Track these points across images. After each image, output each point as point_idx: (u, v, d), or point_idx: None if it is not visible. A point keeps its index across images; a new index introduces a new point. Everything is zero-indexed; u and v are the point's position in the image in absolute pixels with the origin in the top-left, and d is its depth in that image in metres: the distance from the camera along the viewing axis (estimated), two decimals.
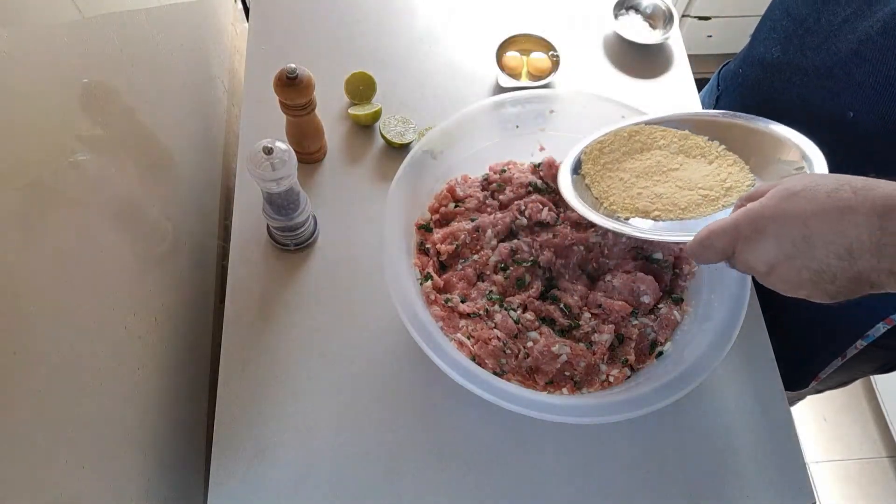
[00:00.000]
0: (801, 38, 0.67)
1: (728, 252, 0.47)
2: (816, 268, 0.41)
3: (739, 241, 0.46)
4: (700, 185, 0.60)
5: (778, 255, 0.43)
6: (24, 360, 0.44)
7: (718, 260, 0.49)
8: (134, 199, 0.67)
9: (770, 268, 0.44)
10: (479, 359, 0.65)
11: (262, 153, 0.64)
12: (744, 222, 0.45)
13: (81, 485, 0.51)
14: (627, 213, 0.61)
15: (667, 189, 0.61)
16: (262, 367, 0.71)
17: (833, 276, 0.41)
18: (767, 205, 0.44)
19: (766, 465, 0.68)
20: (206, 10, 0.96)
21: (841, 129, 0.63)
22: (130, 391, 0.61)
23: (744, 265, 0.47)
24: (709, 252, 0.48)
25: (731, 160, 0.62)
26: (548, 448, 0.68)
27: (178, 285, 0.75)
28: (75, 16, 0.56)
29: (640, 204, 0.61)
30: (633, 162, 0.65)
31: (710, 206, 0.59)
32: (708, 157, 0.63)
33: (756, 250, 0.45)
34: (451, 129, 0.72)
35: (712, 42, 1.84)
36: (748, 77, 0.79)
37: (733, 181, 0.60)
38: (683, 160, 0.63)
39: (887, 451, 1.55)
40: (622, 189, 0.63)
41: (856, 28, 0.60)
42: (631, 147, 0.66)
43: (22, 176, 0.46)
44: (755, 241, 0.44)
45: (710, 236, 0.48)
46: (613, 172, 0.65)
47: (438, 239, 0.71)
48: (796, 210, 0.42)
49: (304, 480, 0.66)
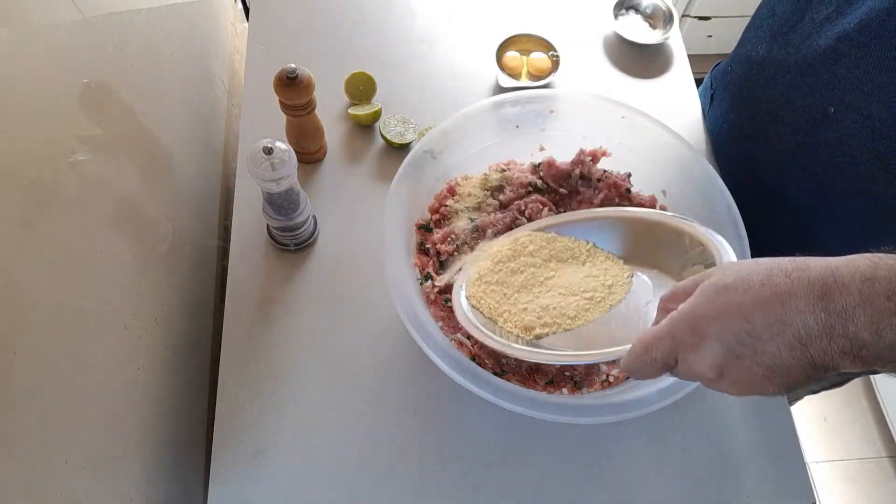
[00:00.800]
0: (786, 36, 0.67)
1: (669, 362, 0.43)
2: (769, 363, 0.38)
3: (679, 350, 0.41)
4: (582, 288, 0.59)
5: (725, 356, 0.39)
6: (24, 360, 0.44)
7: (659, 373, 0.44)
8: (134, 200, 0.67)
9: (719, 372, 0.40)
10: (479, 359, 0.65)
11: (262, 153, 0.64)
12: (679, 327, 0.41)
13: (81, 485, 0.51)
14: (520, 332, 0.58)
15: (551, 300, 0.59)
16: (262, 367, 0.71)
17: (787, 368, 0.37)
18: (699, 303, 0.40)
19: (766, 465, 0.68)
20: (206, 10, 0.96)
21: (823, 125, 0.64)
22: (130, 391, 0.61)
23: (688, 373, 0.42)
24: (647, 367, 0.43)
25: (603, 256, 0.61)
26: (548, 448, 0.68)
27: (178, 285, 0.75)
28: (75, 16, 0.56)
29: (528, 319, 0.58)
30: (509, 275, 0.63)
31: (599, 309, 0.57)
32: (579, 259, 0.61)
33: (700, 355, 0.40)
34: (451, 129, 0.72)
35: (712, 42, 1.84)
36: (737, 75, 0.79)
37: (612, 278, 0.58)
38: (556, 265, 0.62)
39: (887, 451, 1.55)
40: (509, 304, 0.61)
41: (835, 25, 0.60)
42: (501, 257, 0.65)
43: (22, 176, 0.46)
44: (696, 346, 0.40)
45: (646, 350, 0.43)
46: (495, 287, 0.63)
47: (438, 239, 0.71)
48: (733, 305, 0.39)
49: (304, 480, 0.66)
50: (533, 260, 0.62)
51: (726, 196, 0.68)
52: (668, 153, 0.72)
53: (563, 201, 0.75)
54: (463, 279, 0.65)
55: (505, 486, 0.66)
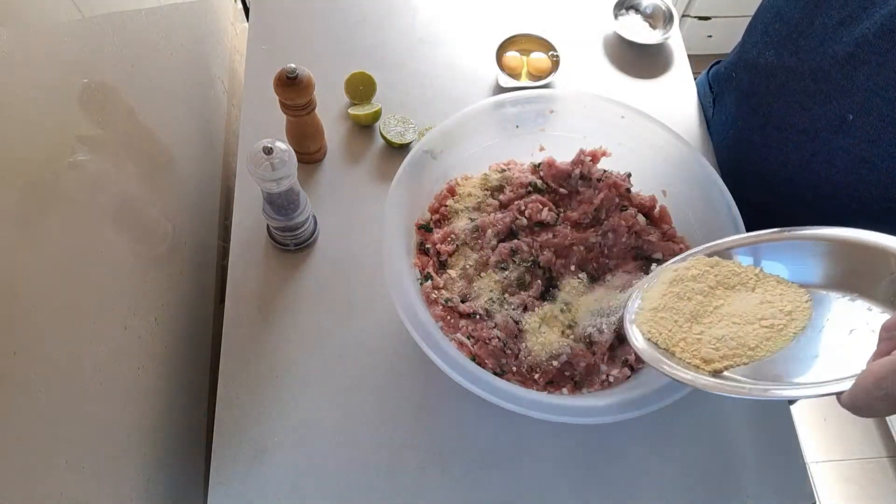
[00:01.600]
0: (795, 42, 0.66)
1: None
2: None
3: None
4: (758, 315, 0.52)
5: None
6: (24, 360, 0.44)
7: (893, 412, 0.39)
8: (134, 199, 0.67)
9: None
10: (479, 359, 0.65)
11: (262, 153, 0.64)
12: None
13: (81, 485, 0.51)
14: (699, 363, 0.51)
15: (726, 329, 0.52)
16: (262, 367, 0.71)
17: None
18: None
19: (766, 465, 0.68)
20: (206, 10, 0.96)
21: (841, 132, 0.63)
22: (130, 391, 0.61)
23: None
24: (881, 403, 0.39)
25: (774, 281, 0.54)
26: (548, 448, 0.68)
27: (178, 285, 0.75)
28: (75, 16, 0.56)
29: (704, 350, 0.52)
30: (677, 300, 0.56)
31: (781, 338, 0.50)
32: (748, 285, 0.55)
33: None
34: (451, 129, 0.72)
35: (712, 42, 1.84)
36: (742, 81, 0.78)
37: (790, 304, 0.51)
38: (724, 293, 0.55)
39: (887, 451, 1.55)
40: (683, 333, 0.54)
41: (852, 31, 0.59)
42: (666, 279, 0.58)
43: (22, 176, 0.46)
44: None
45: (878, 384, 0.38)
46: (664, 314, 0.56)
47: (438, 239, 0.71)
48: None
49: (305, 480, 0.66)
50: (698, 286, 0.56)
51: (726, 196, 0.68)
52: (668, 153, 0.72)
53: (563, 201, 0.75)
54: (631, 309, 0.59)
55: (505, 486, 0.66)
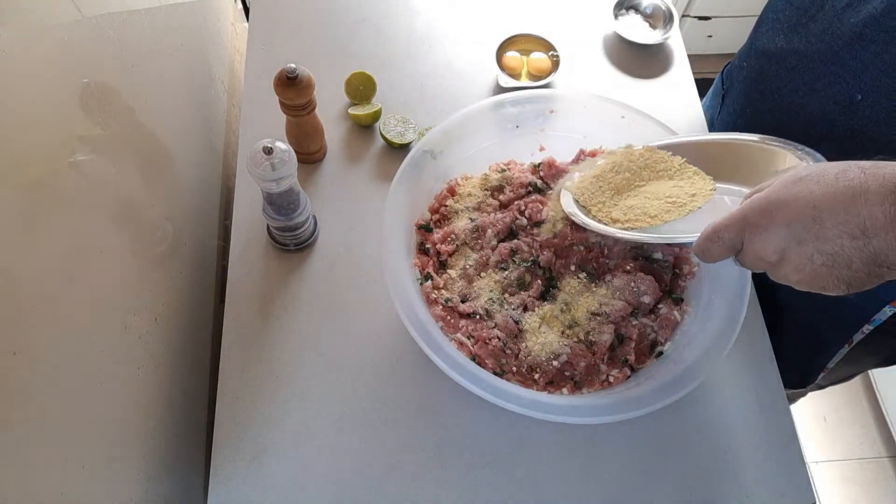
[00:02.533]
0: (805, 26, 0.67)
1: (736, 244, 0.45)
2: (830, 250, 0.39)
3: (747, 231, 0.44)
4: (666, 194, 0.64)
5: (788, 240, 0.41)
6: (24, 360, 0.44)
7: (726, 254, 0.47)
8: (134, 200, 0.67)
9: (780, 255, 0.42)
10: (479, 359, 0.65)
11: (262, 153, 0.64)
12: (751, 210, 0.43)
13: (81, 485, 0.51)
14: (607, 222, 0.65)
15: (637, 201, 0.65)
16: (262, 367, 0.71)
17: (848, 259, 0.39)
18: (774, 190, 0.43)
19: (766, 465, 0.68)
20: (206, 10, 0.96)
21: (850, 112, 0.63)
22: (130, 391, 0.61)
23: (752, 256, 0.44)
24: (716, 246, 0.46)
25: (692, 171, 0.66)
26: (548, 448, 0.68)
27: (178, 285, 0.75)
28: (75, 16, 0.56)
29: (615, 213, 0.65)
30: (607, 171, 0.69)
31: (678, 212, 0.62)
32: (669, 172, 0.67)
33: (765, 238, 0.43)
34: (451, 129, 0.72)
35: (712, 42, 1.84)
36: (752, 69, 0.78)
37: (696, 189, 0.63)
38: (649, 175, 0.68)
39: (887, 451, 1.55)
40: (603, 197, 0.68)
41: (859, 11, 0.60)
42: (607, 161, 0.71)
43: (22, 176, 0.46)
44: (764, 228, 0.43)
45: (716, 230, 0.46)
46: (592, 179, 0.70)
47: (438, 239, 0.71)
48: (805, 193, 0.40)
49: (305, 480, 0.66)
50: (630, 165, 0.68)
51: None
52: None
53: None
54: (572, 177, 0.72)
55: (505, 485, 0.66)
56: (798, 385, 0.90)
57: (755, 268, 0.46)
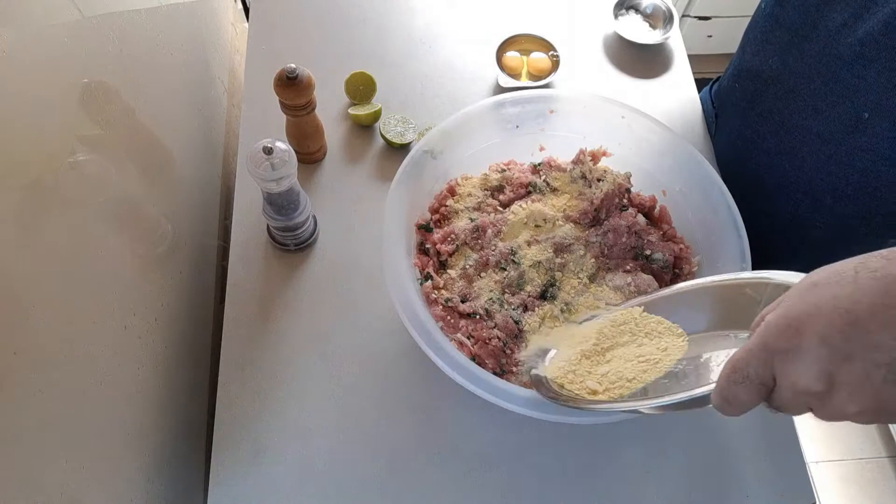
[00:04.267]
0: (799, 46, 0.66)
1: (766, 380, 0.36)
2: (887, 360, 0.32)
3: (776, 360, 0.35)
4: (637, 353, 0.57)
5: (831, 358, 0.33)
6: (24, 360, 0.44)
7: (756, 397, 0.37)
8: (134, 199, 0.67)
9: (828, 381, 0.33)
10: (479, 359, 0.65)
11: (262, 153, 0.64)
12: (771, 335, 0.35)
13: (81, 485, 0.51)
14: (585, 394, 0.57)
15: (609, 367, 0.58)
16: (262, 367, 0.71)
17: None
18: (790, 304, 0.35)
19: (766, 465, 0.68)
20: (206, 10, 0.96)
21: (858, 131, 0.63)
22: (130, 391, 0.61)
23: (791, 391, 0.35)
24: (742, 390, 0.37)
25: (655, 321, 0.59)
26: (548, 448, 0.68)
27: (178, 285, 0.75)
28: (75, 16, 0.56)
29: (590, 383, 0.58)
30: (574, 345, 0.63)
31: (656, 370, 0.54)
32: (629, 324, 0.61)
33: (801, 364, 0.34)
34: (451, 129, 0.72)
35: (712, 42, 1.84)
36: (746, 91, 0.77)
37: (666, 342, 0.57)
38: (614, 335, 0.61)
39: (887, 451, 1.55)
40: (573, 367, 0.60)
41: (856, 30, 0.59)
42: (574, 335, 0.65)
43: (22, 176, 0.46)
44: (795, 351, 0.34)
45: (736, 368, 0.37)
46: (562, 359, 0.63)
47: (438, 239, 0.71)
48: (828, 298, 0.33)
49: (305, 480, 0.66)
50: (593, 332, 0.62)
51: (726, 196, 0.68)
52: (668, 153, 0.72)
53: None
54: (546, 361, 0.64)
55: (505, 486, 0.66)
56: None
57: (798, 407, 0.36)
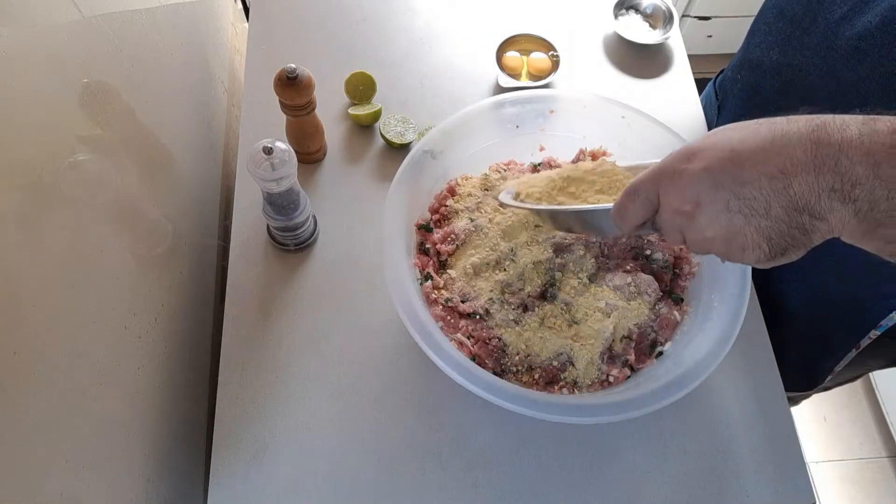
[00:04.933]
0: (800, 39, 0.66)
1: (653, 198, 0.42)
2: (747, 194, 0.36)
3: (663, 181, 0.41)
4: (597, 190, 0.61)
5: (705, 184, 0.38)
6: (24, 360, 0.44)
7: (643, 212, 0.43)
8: (134, 199, 0.67)
9: (695, 203, 0.38)
10: (479, 359, 0.65)
11: (262, 153, 0.64)
12: (668, 159, 0.41)
13: (81, 485, 0.51)
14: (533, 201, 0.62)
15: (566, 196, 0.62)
16: (262, 366, 0.71)
17: (767, 204, 0.36)
18: (693, 142, 0.41)
19: (766, 465, 0.68)
20: (206, 10, 0.96)
21: None
22: (130, 391, 0.61)
23: (668, 211, 0.41)
24: (632, 203, 0.43)
25: (624, 175, 0.61)
26: (548, 448, 0.68)
27: (178, 285, 0.75)
28: (75, 16, 0.56)
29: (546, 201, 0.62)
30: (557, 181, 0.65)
31: (608, 199, 0.58)
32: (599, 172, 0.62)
33: (680, 185, 0.39)
34: (451, 129, 0.72)
35: (712, 42, 1.84)
36: (747, 82, 0.78)
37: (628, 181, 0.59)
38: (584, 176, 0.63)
39: (887, 451, 1.55)
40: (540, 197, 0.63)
41: (854, 24, 0.59)
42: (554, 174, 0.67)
43: (22, 176, 0.46)
44: (679, 174, 0.39)
45: (632, 185, 0.43)
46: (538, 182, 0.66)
47: (438, 239, 0.71)
48: (724, 138, 0.38)
49: (305, 480, 0.66)
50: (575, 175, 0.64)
51: None
52: (667, 153, 0.72)
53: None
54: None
55: (505, 485, 0.66)
56: (805, 388, 0.89)
57: (672, 229, 0.42)
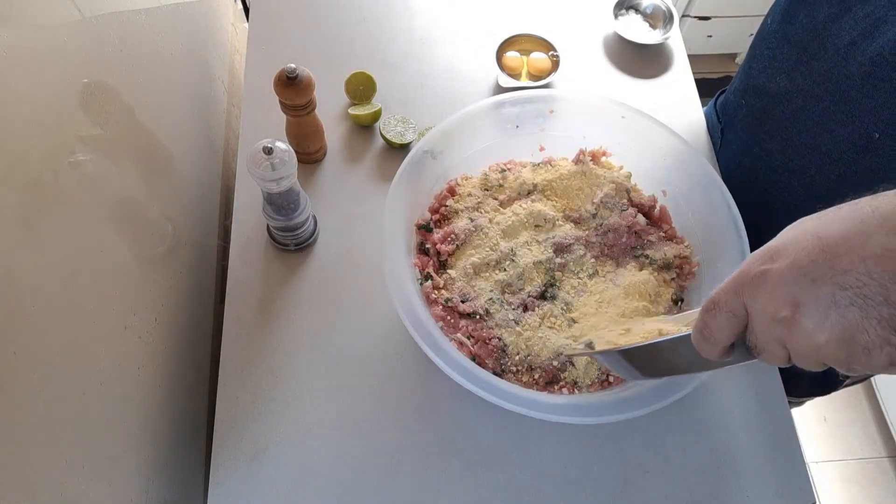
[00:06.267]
0: (808, 65, 0.65)
1: (738, 311, 0.36)
2: (854, 282, 0.31)
3: (746, 289, 0.35)
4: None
5: (798, 284, 0.33)
6: (24, 360, 0.44)
7: (729, 328, 0.37)
8: (134, 199, 0.67)
9: (793, 306, 0.33)
10: (479, 359, 0.65)
11: (262, 153, 0.64)
12: (746, 264, 0.36)
13: (81, 485, 0.51)
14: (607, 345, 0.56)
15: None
16: (262, 367, 0.71)
17: (883, 289, 0.30)
18: (774, 238, 0.36)
19: (766, 465, 0.68)
20: (206, 10, 0.96)
21: (867, 151, 0.62)
22: (130, 391, 0.61)
23: (761, 319, 0.35)
24: (713, 319, 0.38)
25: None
26: (548, 448, 0.68)
27: (178, 285, 0.75)
28: (75, 16, 0.56)
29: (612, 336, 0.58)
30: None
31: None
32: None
33: (769, 288, 0.34)
34: (451, 129, 0.72)
35: (712, 42, 1.84)
36: (753, 108, 0.77)
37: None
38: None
39: (887, 451, 1.55)
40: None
41: (865, 50, 0.59)
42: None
43: (22, 176, 0.46)
44: (764, 278, 0.34)
45: (711, 299, 0.38)
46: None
47: (438, 239, 0.71)
48: (805, 229, 0.34)
49: (305, 480, 0.66)
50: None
51: (726, 196, 0.68)
52: (667, 153, 0.72)
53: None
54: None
55: (505, 485, 0.66)
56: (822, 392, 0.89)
57: (771, 342, 0.36)
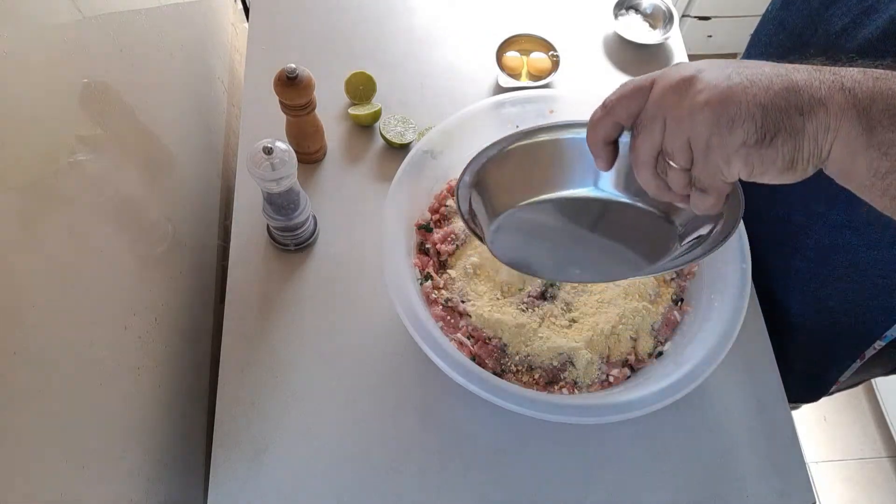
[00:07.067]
0: (800, 51, 0.65)
1: (643, 84, 0.39)
2: (750, 73, 0.36)
3: (659, 76, 0.39)
4: None
5: (710, 63, 0.38)
6: (24, 360, 0.44)
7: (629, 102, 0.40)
8: (134, 200, 0.67)
9: (697, 70, 0.37)
10: (479, 359, 0.65)
11: (262, 153, 0.64)
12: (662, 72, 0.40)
13: (81, 485, 0.51)
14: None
15: None
16: (262, 367, 0.71)
17: (769, 81, 0.35)
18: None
19: (766, 465, 0.68)
20: (205, 10, 0.96)
21: None
22: (130, 391, 0.61)
23: (661, 84, 0.38)
24: (622, 90, 0.41)
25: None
26: (548, 448, 0.68)
27: (178, 285, 0.75)
28: (75, 16, 0.56)
29: None
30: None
31: None
32: None
33: (677, 68, 0.39)
34: (451, 129, 0.72)
35: (712, 42, 1.84)
36: None
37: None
38: None
39: (887, 451, 1.55)
40: None
41: (855, 36, 0.59)
42: None
43: (22, 176, 0.46)
44: (674, 70, 0.39)
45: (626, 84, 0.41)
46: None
47: (438, 239, 0.71)
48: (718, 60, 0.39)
49: (305, 480, 0.66)
50: None
51: None
52: None
53: None
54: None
55: (505, 485, 0.66)
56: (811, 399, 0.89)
57: (656, 111, 0.38)
